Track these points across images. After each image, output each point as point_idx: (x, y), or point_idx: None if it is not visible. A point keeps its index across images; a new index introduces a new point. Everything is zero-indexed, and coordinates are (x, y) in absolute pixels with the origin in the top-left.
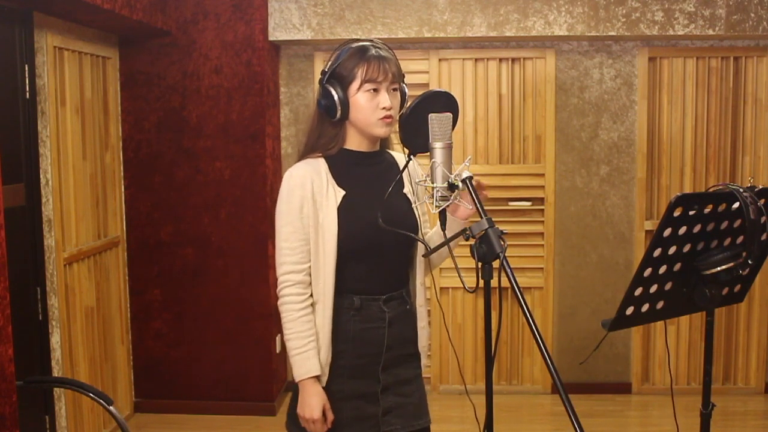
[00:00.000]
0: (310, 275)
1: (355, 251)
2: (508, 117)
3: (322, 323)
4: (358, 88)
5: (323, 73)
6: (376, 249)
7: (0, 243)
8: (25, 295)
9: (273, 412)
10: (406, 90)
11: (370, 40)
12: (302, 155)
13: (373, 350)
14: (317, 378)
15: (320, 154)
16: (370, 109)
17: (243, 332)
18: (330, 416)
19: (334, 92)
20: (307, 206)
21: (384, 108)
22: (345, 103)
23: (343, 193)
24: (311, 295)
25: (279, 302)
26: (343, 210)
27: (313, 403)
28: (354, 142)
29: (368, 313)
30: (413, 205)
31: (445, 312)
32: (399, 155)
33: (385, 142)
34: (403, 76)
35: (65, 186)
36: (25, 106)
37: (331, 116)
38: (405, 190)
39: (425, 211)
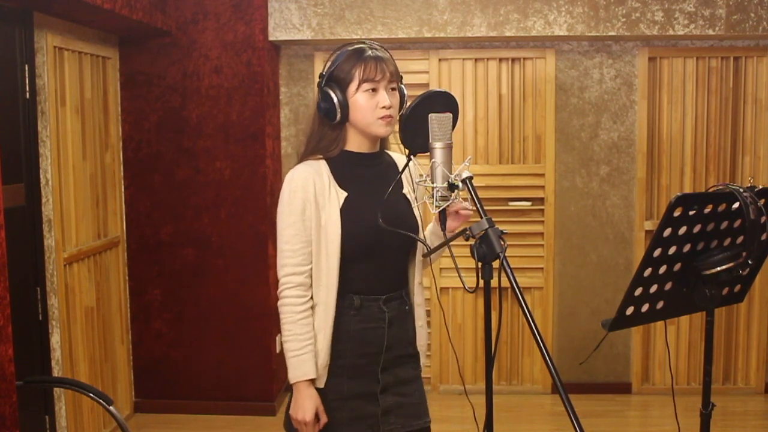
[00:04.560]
0: (311, 277)
1: (357, 252)
2: (508, 117)
3: (323, 325)
4: (357, 89)
5: (321, 76)
6: (379, 250)
7: (0, 243)
8: (25, 295)
9: (273, 412)
10: (405, 91)
11: (366, 42)
12: (303, 158)
13: (372, 350)
14: (312, 381)
15: (321, 156)
16: (369, 108)
17: (243, 332)
18: (323, 419)
19: (333, 95)
20: (309, 208)
21: (383, 107)
22: (344, 105)
23: (345, 194)
24: (312, 297)
25: (279, 303)
26: (345, 211)
27: (306, 406)
28: (354, 144)
29: (368, 313)
30: (413, 206)
31: (445, 312)
32: (398, 156)
33: (383, 143)
34: (401, 77)
35: (65, 186)
36: (25, 106)
37: (331, 119)
38: (405, 191)
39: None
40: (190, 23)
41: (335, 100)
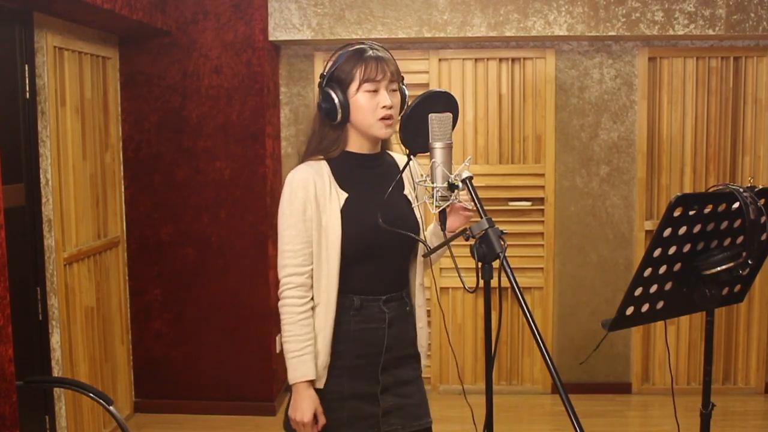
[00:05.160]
0: (312, 278)
1: (358, 253)
2: (508, 117)
3: (324, 325)
4: (357, 89)
5: (322, 76)
6: (379, 251)
7: (0, 243)
8: (25, 295)
9: (273, 412)
10: (407, 91)
11: (367, 42)
12: (303, 158)
13: (372, 350)
14: (311, 382)
15: (322, 157)
16: (369, 109)
17: (243, 332)
18: (322, 420)
19: (334, 95)
20: (310, 209)
21: (384, 107)
22: (345, 105)
23: (345, 195)
24: (312, 298)
25: (280, 303)
26: (346, 212)
27: (304, 407)
28: (355, 144)
29: (368, 314)
30: (413, 206)
31: (445, 312)
32: (399, 156)
33: (385, 144)
34: (403, 78)
35: (65, 186)
36: (25, 106)
37: (331, 119)
38: (405, 191)
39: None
40: (190, 23)
41: (336, 100)
